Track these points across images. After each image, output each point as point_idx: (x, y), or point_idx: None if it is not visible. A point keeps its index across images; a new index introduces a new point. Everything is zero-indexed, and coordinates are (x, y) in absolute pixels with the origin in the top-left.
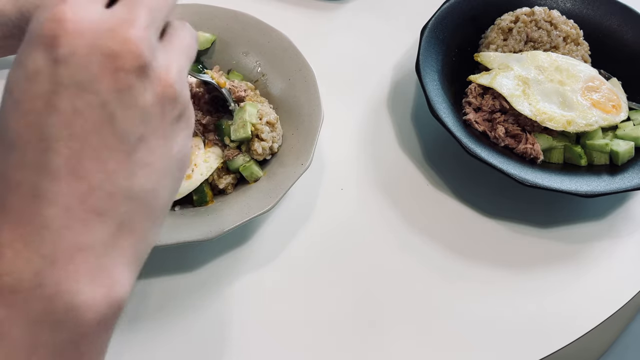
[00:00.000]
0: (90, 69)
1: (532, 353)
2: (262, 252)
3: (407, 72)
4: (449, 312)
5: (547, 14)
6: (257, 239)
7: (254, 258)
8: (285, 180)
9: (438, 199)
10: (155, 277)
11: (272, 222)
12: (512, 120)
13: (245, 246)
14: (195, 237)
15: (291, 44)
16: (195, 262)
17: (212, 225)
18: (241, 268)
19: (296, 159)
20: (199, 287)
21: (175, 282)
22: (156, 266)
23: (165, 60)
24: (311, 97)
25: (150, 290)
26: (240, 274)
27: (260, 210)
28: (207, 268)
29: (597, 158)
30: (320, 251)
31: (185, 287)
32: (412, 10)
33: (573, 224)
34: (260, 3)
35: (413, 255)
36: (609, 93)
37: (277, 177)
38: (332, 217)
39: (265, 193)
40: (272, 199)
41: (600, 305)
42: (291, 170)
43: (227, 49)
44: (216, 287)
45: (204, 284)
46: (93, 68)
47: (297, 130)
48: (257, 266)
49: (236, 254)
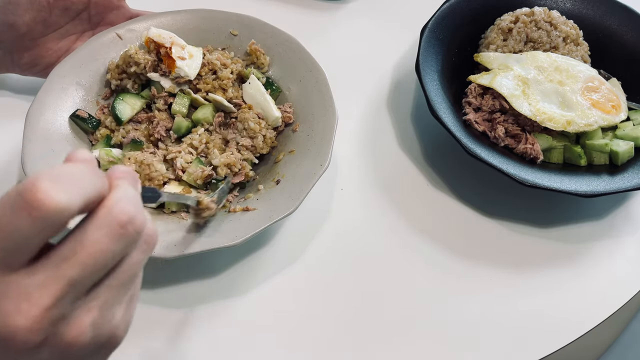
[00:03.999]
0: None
1: (532, 353)
2: (262, 253)
3: (407, 72)
4: (449, 312)
5: (546, 14)
6: (256, 239)
7: (255, 258)
8: (305, 181)
9: (438, 199)
10: (178, 283)
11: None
12: (512, 120)
13: (245, 246)
14: (222, 243)
15: (299, 45)
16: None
17: (237, 230)
18: (249, 271)
19: (314, 160)
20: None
21: (194, 288)
22: (179, 273)
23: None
24: (324, 98)
25: (174, 296)
26: (250, 277)
27: (285, 212)
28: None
29: (597, 158)
30: (320, 251)
31: (203, 293)
32: (412, 11)
33: (573, 223)
34: (260, 3)
35: (413, 254)
36: (608, 93)
37: (297, 179)
38: (332, 217)
39: (287, 196)
40: (294, 201)
41: (600, 305)
42: (310, 171)
43: (235, 54)
44: (228, 290)
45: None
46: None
47: (312, 131)
48: (259, 267)
49: (241, 255)
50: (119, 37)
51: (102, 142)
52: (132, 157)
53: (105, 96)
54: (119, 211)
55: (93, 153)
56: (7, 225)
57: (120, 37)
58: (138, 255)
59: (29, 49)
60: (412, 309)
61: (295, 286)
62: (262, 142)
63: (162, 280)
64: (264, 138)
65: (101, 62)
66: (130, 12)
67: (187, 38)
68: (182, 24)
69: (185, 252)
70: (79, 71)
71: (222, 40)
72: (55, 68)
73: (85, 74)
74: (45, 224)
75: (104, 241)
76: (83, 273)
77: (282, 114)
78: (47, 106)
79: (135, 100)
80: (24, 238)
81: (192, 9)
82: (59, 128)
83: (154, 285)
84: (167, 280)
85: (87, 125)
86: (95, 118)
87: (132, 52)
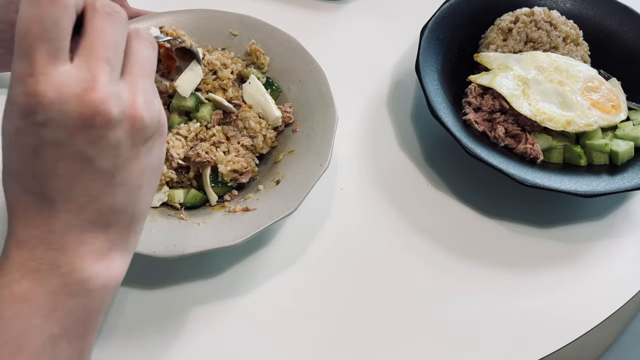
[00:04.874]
0: (66, 130)
1: (532, 353)
2: (262, 253)
3: (407, 72)
4: (449, 312)
5: (546, 14)
6: (256, 239)
7: (256, 258)
8: (305, 181)
9: (438, 199)
10: (178, 283)
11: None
12: (511, 120)
13: (245, 246)
14: (222, 243)
15: (299, 45)
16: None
17: (237, 230)
18: (249, 271)
19: (314, 160)
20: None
21: (194, 288)
22: (179, 273)
23: (129, 94)
24: (324, 98)
25: (174, 296)
26: (250, 277)
27: (285, 212)
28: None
29: (597, 158)
30: (320, 251)
31: (202, 293)
32: (412, 10)
33: (573, 224)
34: (260, 3)
35: (413, 254)
36: (608, 93)
37: (297, 179)
38: (332, 217)
39: (287, 196)
40: (295, 201)
41: (600, 305)
42: (310, 171)
43: (235, 54)
44: (228, 290)
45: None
46: (68, 129)
47: (312, 131)
48: (259, 267)
49: (241, 255)
50: None
51: None
52: None
53: None
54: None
55: None
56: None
57: None
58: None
59: None
60: (412, 309)
61: (296, 286)
62: (262, 142)
63: (162, 280)
64: (264, 138)
65: None
66: (132, 12)
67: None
68: (182, 24)
69: (185, 252)
70: None
71: (222, 40)
72: None
73: None
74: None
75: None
76: (110, 50)
77: (282, 113)
78: None
79: None
80: (54, 23)
81: (192, 9)
82: None
83: (154, 285)
84: (167, 280)
85: None
86: None
87: None
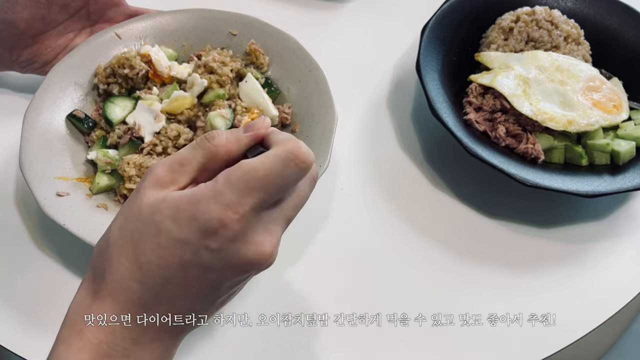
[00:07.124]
0: (223, 263)
1: (532, 353)
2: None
3: (407, 72)
4: (449, 312)
5: (548, 13)
6: None
7: None
8: None
9: (438, 199)
10: None
11: None
12: (512, 120)
13: None
14: None
15: (299, 45)
16: None
17: None
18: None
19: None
20: None
21: None
22: None
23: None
24: (323, 98)
25: None
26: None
27: None
28: None
29: (598, 158)
30: (320, 251)
31: None
32: (413, 10)
33: (573, 224)
34: (260, 3)
35: (413, 254)
36: (610, 93)
37: None
38: (332, 217)
39: None
40: None
41: (601, 305)
42: None
43: (235, 54)
44: None
45: None
46: (228, 265)
47: (312, 131)
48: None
49: None
50: (117, 37)
51: (98, 144)
52: (130, 161)
53: (103, 98)
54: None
55: (90, 155)
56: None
57: (119, 36)
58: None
59: (28, 46)
60: (412, 308)
61: (296, 286)
62: None
63: None
64: None
65: (100, 61)
66: (129, 10)
67: (186, 38)
68: (181, 24)
69: None
70: (77, 71)
71: (222, 40)
72: (54, 67)
73: (83, 73)
74: (304, 172)
75: (307, 190)
76: (295, 213)
77: (280, 114)
78: (45, 106)
79: (126, 102)
80: (288, 185)
81: (192, 9)
82: (56, 128)
83: None
84: None
85: (83, 126)
86: (91, 119)
87: (132, 54)
